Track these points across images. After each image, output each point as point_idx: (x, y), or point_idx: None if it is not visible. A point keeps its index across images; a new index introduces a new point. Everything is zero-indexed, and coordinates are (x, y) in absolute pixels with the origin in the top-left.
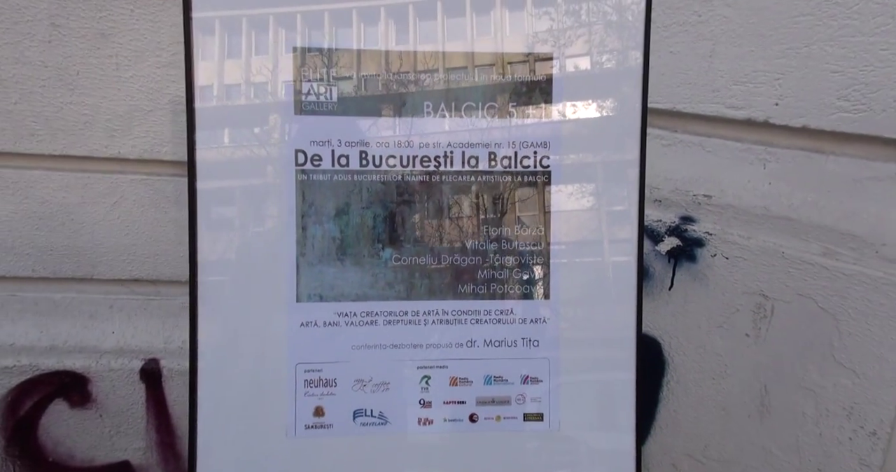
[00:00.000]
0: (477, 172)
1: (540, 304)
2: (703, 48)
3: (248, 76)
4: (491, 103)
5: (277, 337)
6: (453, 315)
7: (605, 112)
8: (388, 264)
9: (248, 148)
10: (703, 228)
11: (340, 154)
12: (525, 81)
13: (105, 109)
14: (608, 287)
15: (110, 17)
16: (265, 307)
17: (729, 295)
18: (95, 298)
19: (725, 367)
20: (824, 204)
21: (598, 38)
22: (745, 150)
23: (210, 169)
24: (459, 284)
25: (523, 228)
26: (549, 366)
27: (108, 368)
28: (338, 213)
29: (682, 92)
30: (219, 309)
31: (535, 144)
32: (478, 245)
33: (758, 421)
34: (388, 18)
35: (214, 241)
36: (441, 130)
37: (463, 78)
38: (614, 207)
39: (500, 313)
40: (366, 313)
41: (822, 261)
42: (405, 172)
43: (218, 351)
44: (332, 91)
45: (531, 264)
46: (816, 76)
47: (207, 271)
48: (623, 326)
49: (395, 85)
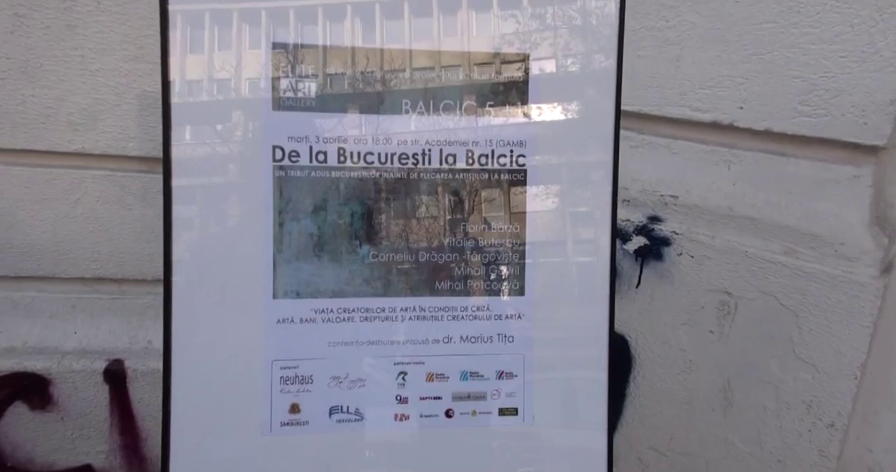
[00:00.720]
0: (455, 170)
1: (515, 301)
2: (670, 53)
3: (225, 71)
4: (469, 102)
5: (253, 334)
6: (430, 312)
7: (580, 113)
8: (366, 261)
9: (224, 144)
10: (670, 228)
11: (318, 150)
12: (502, 81)
13: (69, 102)
14: (581, 286)
15: (76, 9)
16: (241, 304)
17: (694, 293)
18: (57, 297)
19: (690, 362)
20: (786, 205)
21: (572, 40)
22: (710, 151)
23: (185, 166)
24: (436, 281)
25: (499, 227)
26: (524, 362)
27: (71, 369)
28: (315, 209)
29: (650, 95)
30: (193, 307)
31: (512, 144)
32: (454, 243)
33: (721, 415)
34: (380, 15)
35: (189, 238)
36: (419, 128)
37: (439, 77)
38: (587, 207)
39: (476, 309)
40: (342, 309)
41: (784, 259)
42: (383, 169)
43: (192, 349)
44: (310, 87)
45: (506, 261)
46: (779, 81)
47: (182, 268)
48: (596, 324)
49: (374, 83)
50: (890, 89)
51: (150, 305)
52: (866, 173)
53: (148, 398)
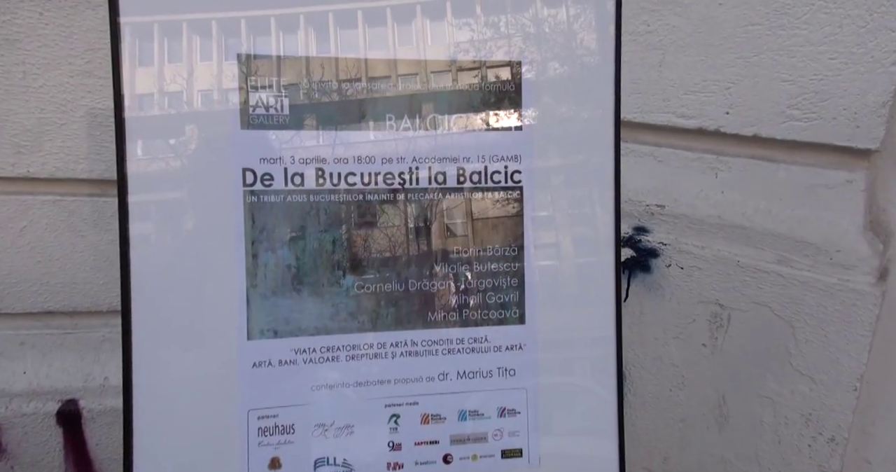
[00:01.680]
0: (445, 190)
1: (515, 330)
2: (652, 58)
3: (187, 87)
4: (458, 114)
5: (226, 380)
6: (423, 346)
7: (577, 121)
8: (351, 293)
9: (188, 169)
10: (657, 239)
11: (294, 172)
12: (493, 89)
13: (11, 122)
14: (586, 311)
15: (16, 21)
16: (211, 347)
17: (685, 305)
18: (4, 334)
19: (683, 378)
20: (777, 212)
21: (565, 43)
22: (696, 159)
23: (143, 193)
24: (429, 311)
25: (495, 249)
26: (527, 396)
27: (20, 413)
28: (293, 238)
29: (633, 101)
30: (156, 350)
31: (506, 158)
32: (448, 268)
33: (716, 432)
34: (362, 21)
35: (151, 273)
36: (405, 144)
37: (424, 86)
38: (589, 223)
39: (473, 341)
40: (326, 348)
41: (777, 268)
42: (367, 190)
43: (156, 399)
44: (282, 102)
45: (504, 286)
46: (767, 85)
47: (143, 307)
48: (602, 346)
49: (353, 95)
50: (882, 91)
51: (105, 338)
52: (859, 178)
53: (106, 440)
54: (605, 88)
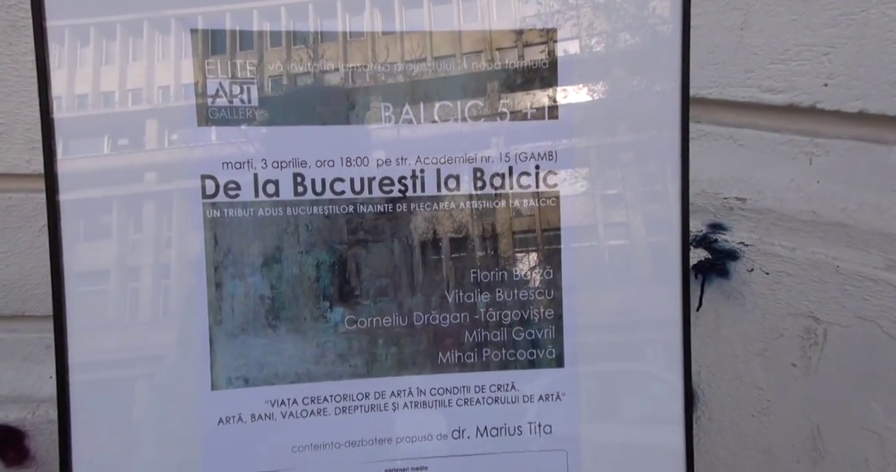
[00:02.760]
0: (458, 198)
1: (551, 375)
2: (732, 20)
3: (127, 74)
4: (474, 101)
5: (185, 442)
6: (433, 395)
7: (632, 103)
8: (340, 329)
9: (132, 178)
10: (737, 238)
11: (266, 179)
12: (519, 67)
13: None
14: (643, 342)
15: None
16: (167, 400)
17: (771, 318)
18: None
19: (768, 403)
20: (887, 206)
21: (614, 10)
22: (786, 142)
23: (78, 207)
24: (440, 351)
25: (525, 271)
26: (568, 461)
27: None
28: (266, 262)
29: (708, 74)
30: (97, 406)
31: (537, 156)
32: (464, 297)
33: (809, 467)
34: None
35: (89, 310)
36: (407, 141)
37: (433, 68)
38: (650, 237)
39: (496, 389)
40: (311, 398)
41: (887, 276)
42: (359, 200)
43: (98, 467)
44: (250, 91)
45: (537, 319)
46: (876, 48)
47: (80, 354)
48: (669, 406)
49: (340, 81)
50: None
51: None
52: None
53: None
54: (670, 58)
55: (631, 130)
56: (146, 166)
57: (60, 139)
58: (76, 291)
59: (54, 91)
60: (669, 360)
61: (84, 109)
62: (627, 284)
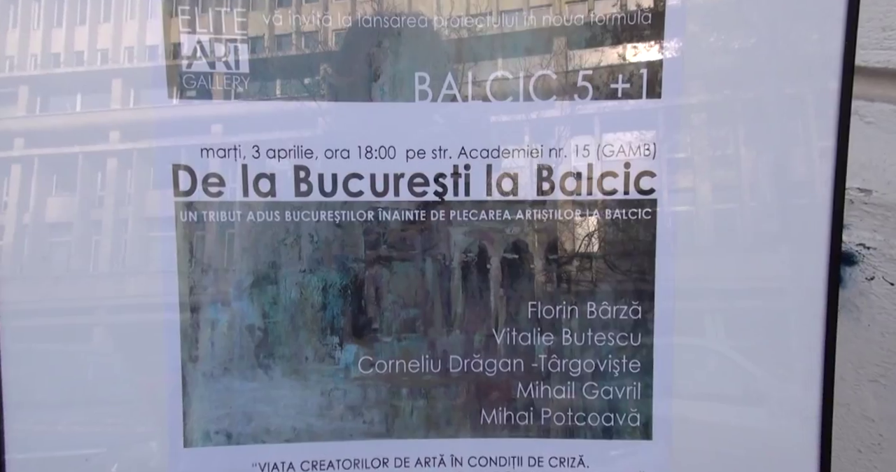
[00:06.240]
0: (514, 205)
1: (635, 447)
2: None
3: (85, 33)
4: (543, 72)
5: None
6: (472, 466)
7: (767, 83)
8: (352, 374)
9: (83, 169)
10: (856, 238)
11: (259, 173)
12: (608, 22)
13: None
14: (760, 406)
15: None
16: (126, 460)
17: (891, 338)
18: None
19: (880, 438)
20: None
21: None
22: None
23: (13, 208)
24: (483, 408)
25: (604, 307)
26: None
27: None
28: (257, 282)
29: None
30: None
31: (628, 150)
32: (518, 338)
33: None
34: None
35: (28, 350)
36: (448, 125)
37: (486, 23)
38: (779, 254)
39: (559, 462)
40: (311, 463)
41: None
42: (381, 204)
43: None
44: (238, 52)
45: (618, 372)
46: None
47: (16, 394)
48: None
49: (360, 40)
50: None
51: None
52: None
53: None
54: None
55: (762, 117)
56: (100, 151)
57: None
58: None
59: None
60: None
61: (19, 69)
62: (749, 319)
